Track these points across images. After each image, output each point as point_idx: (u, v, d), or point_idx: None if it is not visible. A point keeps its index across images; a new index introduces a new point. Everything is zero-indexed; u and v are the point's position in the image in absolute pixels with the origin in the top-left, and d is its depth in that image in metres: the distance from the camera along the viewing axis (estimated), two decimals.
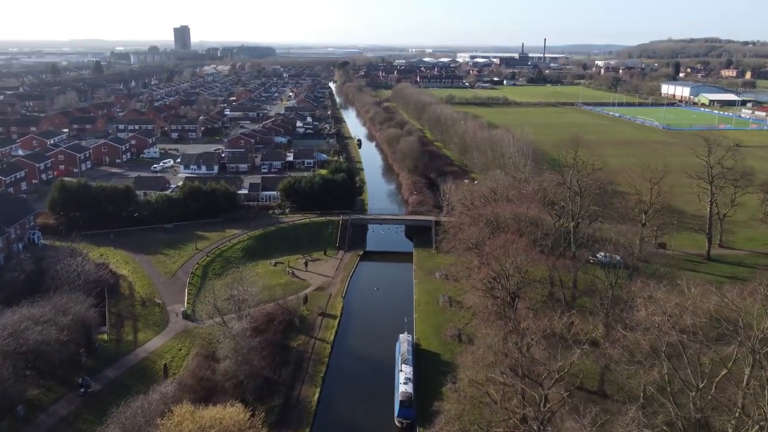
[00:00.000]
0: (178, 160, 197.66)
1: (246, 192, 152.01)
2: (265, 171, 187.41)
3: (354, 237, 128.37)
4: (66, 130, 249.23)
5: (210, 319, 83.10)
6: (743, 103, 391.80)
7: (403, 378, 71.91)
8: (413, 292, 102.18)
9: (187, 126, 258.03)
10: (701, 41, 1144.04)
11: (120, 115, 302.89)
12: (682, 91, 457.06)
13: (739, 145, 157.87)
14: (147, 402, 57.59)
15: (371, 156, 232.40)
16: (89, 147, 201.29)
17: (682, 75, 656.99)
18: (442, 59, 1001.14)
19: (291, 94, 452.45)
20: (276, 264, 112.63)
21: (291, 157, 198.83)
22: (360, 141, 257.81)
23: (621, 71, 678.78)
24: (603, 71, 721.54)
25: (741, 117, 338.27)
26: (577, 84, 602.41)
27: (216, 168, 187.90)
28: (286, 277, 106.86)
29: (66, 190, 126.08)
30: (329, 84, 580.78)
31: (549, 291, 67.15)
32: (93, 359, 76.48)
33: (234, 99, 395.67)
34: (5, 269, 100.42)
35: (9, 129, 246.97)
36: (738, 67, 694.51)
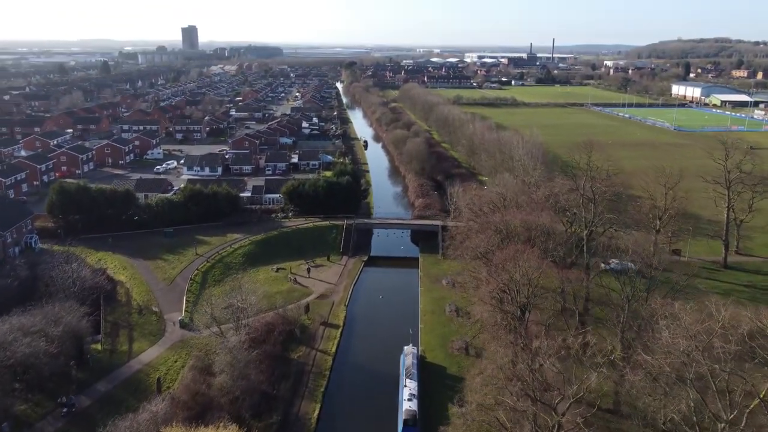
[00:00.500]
0: (181, 161, 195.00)
1: (249, 195, 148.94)
2: (270, 173, 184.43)
3: (358, 242, 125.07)
4: (70, 130, 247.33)
5: (207, 329, 79.95)
6: (755, 104, 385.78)
7: (408, 394, 68.50)
8: (419, 300, 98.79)
9: (192, 126, 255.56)
10: (711, 41, 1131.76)
11: (125, 116, 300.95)
12: (693, 92, 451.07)
13: (754, 148, 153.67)
14: (135, 422, 54.53)
15: (377, 157, 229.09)
16: (92, 148, 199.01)
17: (692, 75, 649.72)
18: (449, 59, 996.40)
19: (298, 94, 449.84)
20: (278, 270, 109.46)
21: (296, 159, 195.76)
22: (366, 142, 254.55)
23: (630, 71, 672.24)
24: (612, 71, 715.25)
25: (754, 118, 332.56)
26: (586, 84, 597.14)
27: (220, 169, 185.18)
28: (287, 284, 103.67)
29: (65, 192, 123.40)
30: (336, 84, 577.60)
31: (561, 305, 63.48)
32: (84, 372, 73.43)
33: (240, 99, 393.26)
34: None
35: (13, 129, 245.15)
36: (749, 68, 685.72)
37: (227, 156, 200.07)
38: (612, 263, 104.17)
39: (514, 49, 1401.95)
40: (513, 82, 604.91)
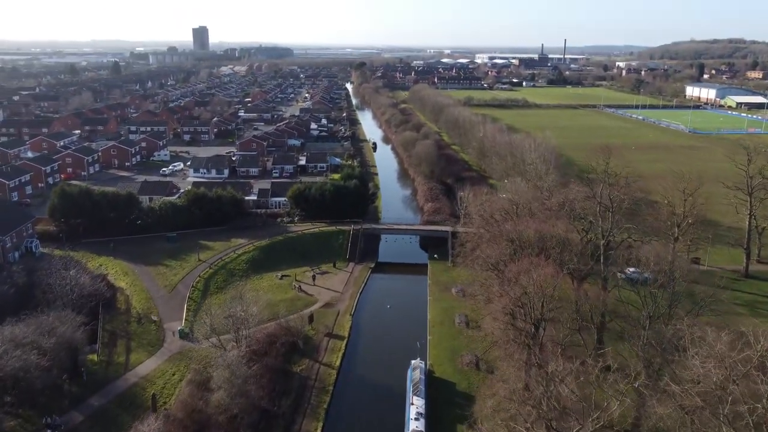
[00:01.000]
0: (188, 163, 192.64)
1: (255, 198, 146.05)
2: (277, 175, 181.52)
3: (365, 247, 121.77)
4: (77, 131, 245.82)
5: (207, 340, 76.97)
6: None
7: (414, 413, 65.06)
8: (427, 310, 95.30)
9: (200, 128, 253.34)
10: (725, 42, 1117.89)
11: (133, 116, 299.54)
12: (707, 93, 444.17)
13: None
14: None
15: (386, 160, 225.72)
16: (98, 149, 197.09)
17: (706, 76, 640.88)
18: (460, 60, 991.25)
19: (307, 95, 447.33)
20: (282, 277, 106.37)
21: (303, 161, 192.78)
22: (375, 144, 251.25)
23: (643, 73, 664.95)
24: (624, 73, 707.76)
25: None
26: (598, 86, 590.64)
27: (226, 172, 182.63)
28: (291, 292, 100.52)
29: (67, 196, 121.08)
30: (346, 85, 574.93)
31: (579, 324, 59.76)
32: (78, 385, 70.58)
33: (249, 100, 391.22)
34: None
35: (21, 130, 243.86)
36: (765, 69, 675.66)
37: (234, 158, 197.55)
38: (629, 272, 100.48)
39: (525, 50, 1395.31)
40: (524, 83, 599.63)
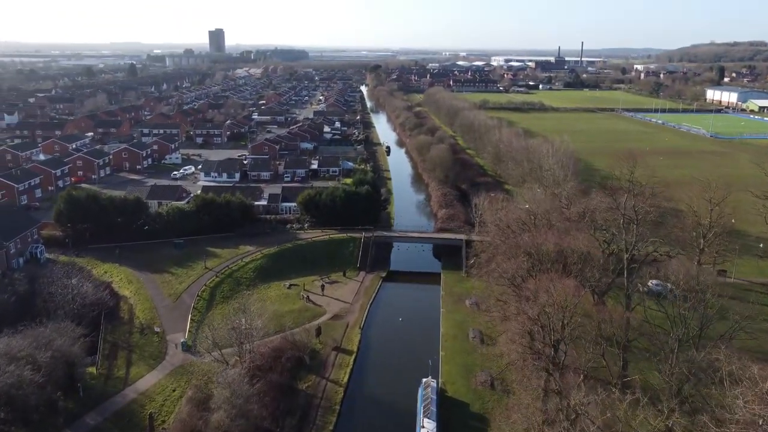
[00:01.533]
0: (199, 166, 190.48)
1: (265, 203, 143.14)
2: (288, 179, 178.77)
3: (377, 256, 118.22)
4: (90, 133, 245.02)
5: (209, 354, 73.82)
6: None
7: None
8: (440, 323, 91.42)
9: (213, 130, 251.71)
10: (746, 44, 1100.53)
11: (147, 119, 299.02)
12: (728, 97, 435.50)
13: None
14: None
15: (400, 163, 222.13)
16: (109, 152, 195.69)
17: (726, 80, 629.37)
18: (476, 63, 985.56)
19: (321, 98, 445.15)
20: (290, 286, 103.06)
21: (316, 165, 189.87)
22: (389, 148, 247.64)
23: (662, 76, 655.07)
24: (643, 75, 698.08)
25: None
26: (616, 89, 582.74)
27: (237, 175, 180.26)
28: (299, 303, 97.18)
29: (73, 200, 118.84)
30: (361, 87, 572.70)
31: (603, 348, 55.43)
32: (74, 401, 67.63)
33: (264, 103, 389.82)
34: None
35: (34, 132, 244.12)
36: None
37: (246, 161, 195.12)
38: (652, 284, 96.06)
39: (541, 53, 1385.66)
40: (540, 86, 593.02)
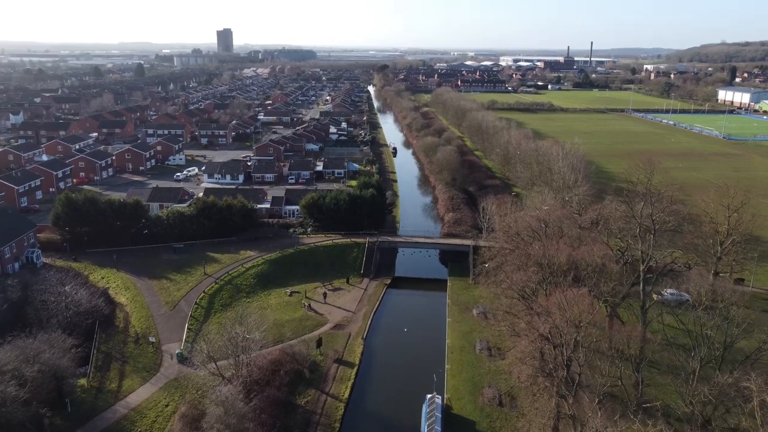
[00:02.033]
0: (203, 168, 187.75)
1: (268, 206, 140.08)
2: (293, 181, 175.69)
3: (381, 261, 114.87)
4: (94, 134, 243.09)
5: (204, 367, 70.70)
6: None
7: None
8: (446, 333, 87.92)
9: (218, 131, 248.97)
10: (757, 44, 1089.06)
11: (153, 119, 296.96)
12: (741, 98, 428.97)
13: None
14: None
15: (407, 165, 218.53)
16: (112, 153, 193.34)
17: (738, 80, 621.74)
18: (484, 63, 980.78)
19: (328, 98, 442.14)
20: (291, 294, 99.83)
21: (321, 167, 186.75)
22: (395, 149, 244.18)
23: (672, 76, 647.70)
24: (653, 76, 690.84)
25: None
26: (626, 89, 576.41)
27: (241, 177, 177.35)
28: (301, 311, 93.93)
29: (71, 203, 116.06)
30: (368, 87, 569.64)
31: (619, 370, 51.59)
32: (62, 418, 64.63)
33: (270, 103, 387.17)
34: None
35: (38, 133, 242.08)
36: None
37: (250, 163, 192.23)
38: (666, 293, 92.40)
39: (550, 53, 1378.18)
40: (549, 86, 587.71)
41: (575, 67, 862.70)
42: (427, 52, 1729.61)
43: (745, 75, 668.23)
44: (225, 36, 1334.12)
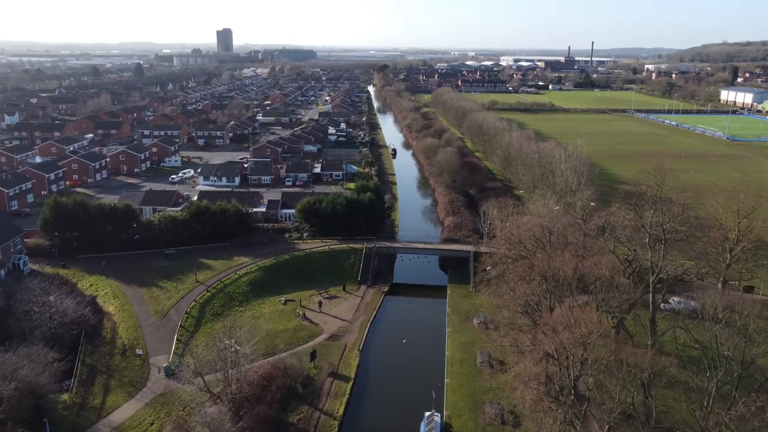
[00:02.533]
0: (199, 170, 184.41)
1: (263, 210, 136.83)
2: (290, 183, 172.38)
3: (379, 268, 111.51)
4: (90, 135, 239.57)
5: (191, 383, 67.34)
6: None
7: None
8: (445, 344, 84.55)
9: (215, 132, 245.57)
10: (759, 44, 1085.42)
11: (150, 120, 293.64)
12: (743, 98, 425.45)
13: None
14: None
15: (406, 167, 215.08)
16: (107, 155, 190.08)
17: (740, 80, 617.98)
18: (485, 63, 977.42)
19: (328, 98, 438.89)
20: (286, 302, 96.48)
21: (318, 169, 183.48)
22: (395, 150, 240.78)
23: (674, 76, 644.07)
24: (654, 76, 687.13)
25: None
26: (628, 89, 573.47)
27: (237, 180, 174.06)
28: (295, 321, 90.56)
29: (60, 208, 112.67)
30: (368, 88, 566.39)
31: (632, 396, 48.12)
32: None
33: (269, 103, 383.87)
34: None
35: (33, 134, 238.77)
36: None
37: (246, 165, 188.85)
38: (673, 302, 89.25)
39: (551, 53, 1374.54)
40: (550, 86, 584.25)
41: (576, 67, 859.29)
42: (428, 52, 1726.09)
43: (747, 75, 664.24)
44: (225, 36, 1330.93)
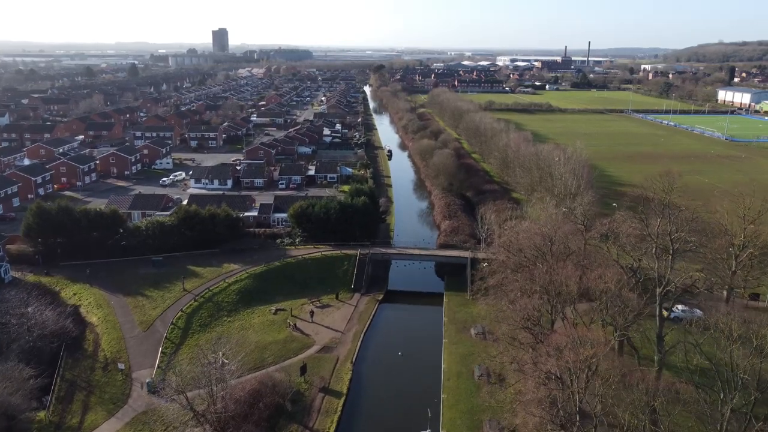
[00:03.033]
0: (190, 172, 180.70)
1: (255, 214, 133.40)
2: (283, 186, 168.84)
3: (374, 274, 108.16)
4: (80, 137, 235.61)
5: (173, 400, 63.87)
6: None
7: None
8: (442, 356, 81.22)
9: (208, 133, 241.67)
10: (755, 44, 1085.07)
11: (142, 121, 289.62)
12: (741, 98, 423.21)
13: None
14: None
15: (402, 169, 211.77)
16: (96, 157, 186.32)
17: (737, 80, 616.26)
18: (481, 63, 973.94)
19: (323, 98, 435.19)
20: (276, 312, 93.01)
21: (313, 171, 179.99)
22: (390, 152, 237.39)
23: (671, 76, 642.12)
24: (651, 76, 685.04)
25: None
26: (625, 89, 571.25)
27: (229, 182, 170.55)
28: (285, 332, 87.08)
29: (43, 213, 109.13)
30: (364, 88, 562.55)
31: (644, 424, 45.20)
32: None
33: (264, 104, 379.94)
34: None
35: (22, 135, 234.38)
36: None
37: (239, 167, 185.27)
38: (677, 310, 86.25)
39: (547, 53, 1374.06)
40: (547, 86, 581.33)
41: (573, 67, 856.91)
42: (424, 52, 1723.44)
43: (744, 75, 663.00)
44: (220, 36, 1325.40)
